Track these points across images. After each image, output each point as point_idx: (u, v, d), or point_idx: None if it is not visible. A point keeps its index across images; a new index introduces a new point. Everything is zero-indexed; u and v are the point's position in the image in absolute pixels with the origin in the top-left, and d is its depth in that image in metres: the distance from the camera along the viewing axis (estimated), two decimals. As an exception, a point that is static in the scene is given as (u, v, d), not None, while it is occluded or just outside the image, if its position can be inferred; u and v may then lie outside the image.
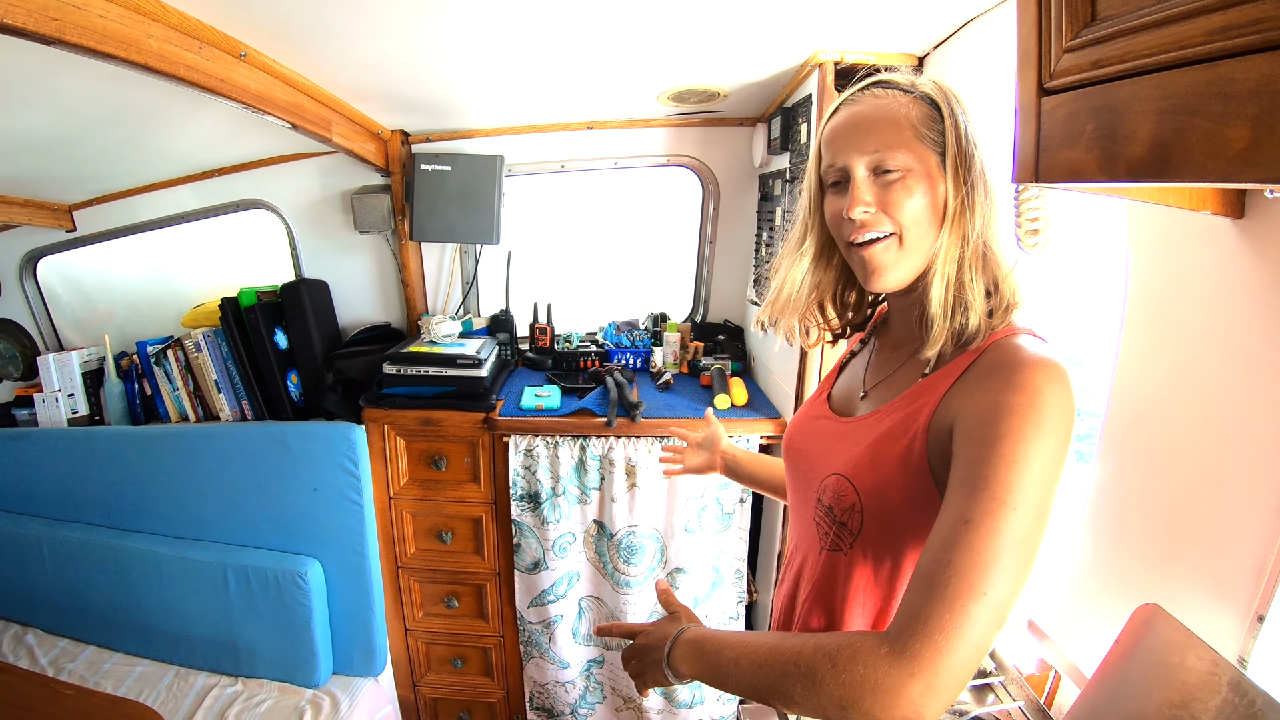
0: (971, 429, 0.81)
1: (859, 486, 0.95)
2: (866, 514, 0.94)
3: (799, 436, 1.18)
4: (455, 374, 2.18)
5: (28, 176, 2.30)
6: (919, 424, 0.89)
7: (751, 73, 1.93)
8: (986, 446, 0.77)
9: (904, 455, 0.90)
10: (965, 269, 0.91)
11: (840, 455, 1.02)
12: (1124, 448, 1.17)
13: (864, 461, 0.96)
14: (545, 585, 2.27)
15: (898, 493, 0.91)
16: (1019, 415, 0.77)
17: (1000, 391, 0.80)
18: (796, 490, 1.16)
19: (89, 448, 2.51)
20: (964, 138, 0.91)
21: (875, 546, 0.95)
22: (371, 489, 2.28)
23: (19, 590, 2.63)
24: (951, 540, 0.75)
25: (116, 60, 1.23)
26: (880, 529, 0.94)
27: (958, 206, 0.91)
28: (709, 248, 2.55)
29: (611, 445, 2.11)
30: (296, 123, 1.78)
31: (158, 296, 2.81)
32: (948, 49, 1.65)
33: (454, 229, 2.31)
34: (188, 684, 2.36)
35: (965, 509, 0.76)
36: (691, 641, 0.95)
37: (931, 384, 0.92)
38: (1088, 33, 0.67)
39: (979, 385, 0.84)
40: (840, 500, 0.98)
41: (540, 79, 1.93)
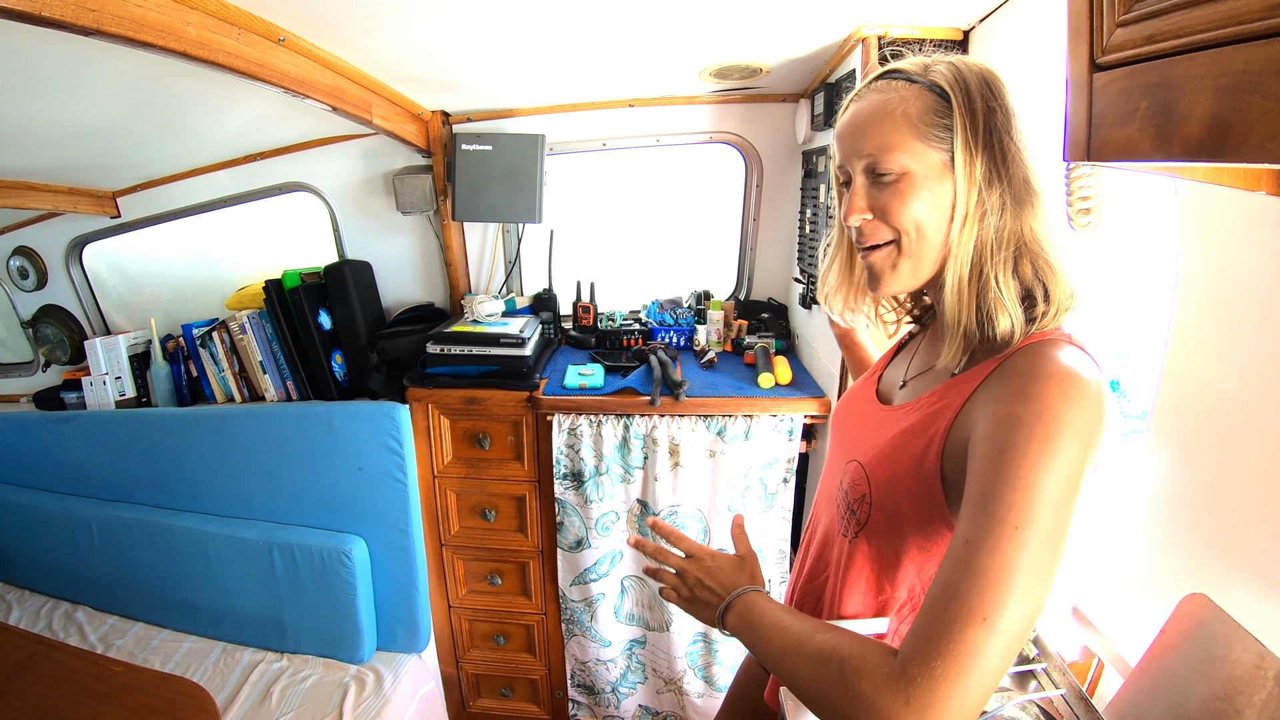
0: (980, 443, 0.75)
1: (872, 479, 0.93)
2: (874, 506, 0.92)
3: (843, 414, 1.15)
4: (499, 353, 2.12)
5: (71, 165, 2.25)
6: (938, 428, 0.85)
7: (794, 48, 1.84)
8: (991, 462, 0.72)
9: (919, 457, 0.86)
10: (988, 271, 0.83)
11: (866, 443, 0.99)
12: (1174, 435, 1.09)
13: (882, 455, 0.93)
14: (588, 564, 2.22)
15: (906, 492, 0.88)
16: (1026, 429, 0.71)
17: (1011, 402, 0.74)
18: (830, 464, 1.14)
19: (136, 429, 2.47)
20: (980, 127, 0.82)
21: (878, 540, 0.93)
22: (416, 467, 2.22)
23: (69, 569, 2.61)
24: (956, 563, 0.70)
25: (155, 49, 1.17)
26: (885, 524, 0.91)
27: (972, 205, 0.83)
28: (752, 225, 2.46)
29: (655, 424, 2.05)
30: (337, 106, 1.72)
31: (202, 280, 2.77)
32: (994, 23, 1.56)
33: (496, 209, 2.23)
34: (234, 660, 2.33)
35: (970, 529, 0.70)
36: (745, 608, 0.91)
37: (957, 386, 0.87)
38: (1141, 7, 0.61)
39: (995, 393, 0.78)
40: (854, 488, 0.96)
41: (581, 57, 1.85)
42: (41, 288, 2.77)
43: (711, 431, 2.03)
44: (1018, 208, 0.84)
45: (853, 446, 1.03)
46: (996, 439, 0.73)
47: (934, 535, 0.87)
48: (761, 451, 2.06)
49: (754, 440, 2.04)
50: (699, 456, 2.06)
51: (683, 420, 2.03)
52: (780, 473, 2.09)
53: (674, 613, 2.21)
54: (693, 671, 2.32)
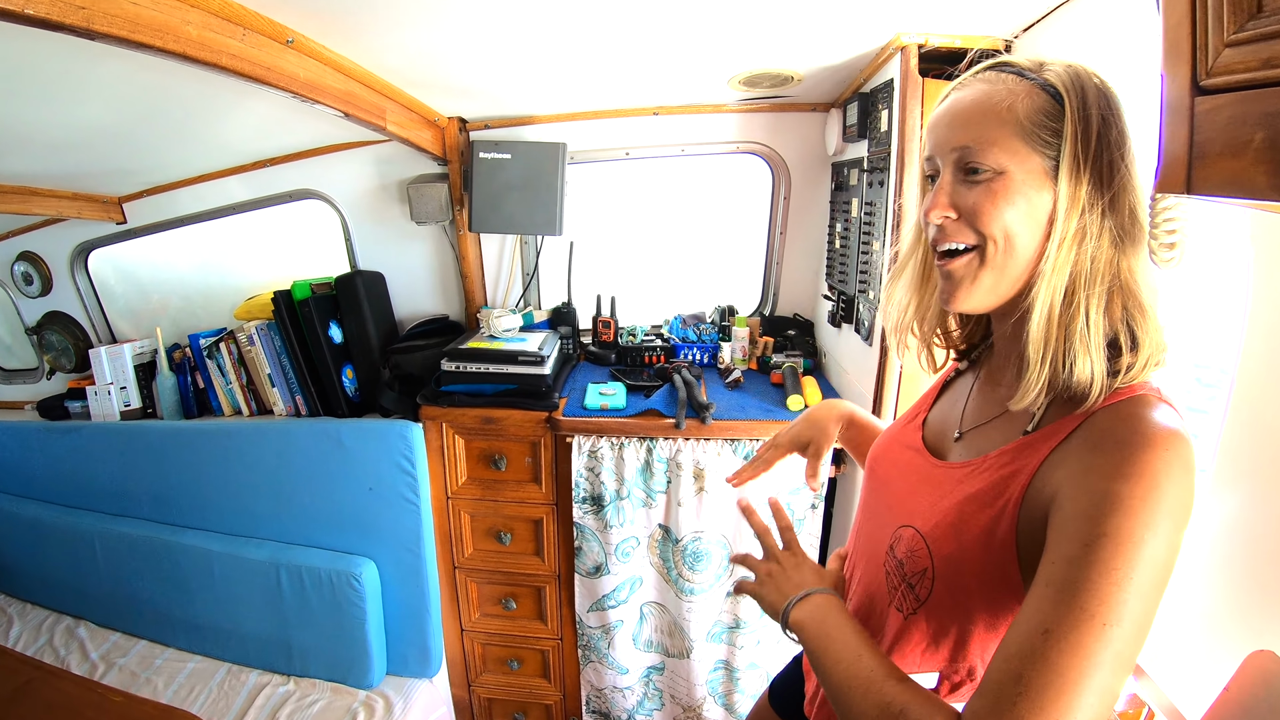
0: (1069, 519, 0.66)
1: (935, 552, 0.81)
2: (938, 581, 0.81)
3: (885, 462, 1.02)
4: (516, 371, 2.00)
5: (75, 171, 2.15)
6: (1011, 495, 0.75)
7: (828, 56, 1.73)
8: (1084, 546, 0.63)
9: (989, 528, 0.76)
10: (1080, 304, 0.73)
11: (922, 506, 0.87)
12: (1242, 476, 0.98)
13: (946, 525, 0.81)
14: (606, 590, 2.10)
15: (975, 567, 0.77)
16: (1129, 512, 0.62)
17: (1110, 476, 0.65)
18: (871, 518, 1.01)
19: (141, 442, 2.36)
20: (1093, 140, 0.72)
21: (941, 616, 0.82)
22: (429, 488, 2.11)
23: (72, 583, 2.50)
24: (1028, 650, 0.62)
25: (153, 50, 1.06)
26: (950, 600, 0.80)
27: (1073, 224, 0.72)
28: (779, 238, 2.33)
29: (679, 448, 1.93)
30: (349, 111, 1.60)
31: (212, 288, 2.66)
32: (1038, 34, 1.46)
33: (514, 220, 2.11)
34: (240, 682, 2.23)
35: (1049, 616, 0.62)
36: (823, 606, 0.87)
37: (1032, 445, 0.76)
38: (1254, 26, 0.54)
39: (1085, 460, 0.68)
40: (913, 559, 0.84)
41: (606, 63, 1.73)
42: (46, 294, 2.67)
43: (738, 455, 1.92)
44: (1121, 238, 0.73)
45: (904, 508, 0.91)
46: (1092, 521, 0.63)
47: (1003, 612, 0.77)
48: (788, 477, 1.94)
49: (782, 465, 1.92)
50: (724, 481, 1.94)
51: (708, 444, 1.91)
52: (808, 498, 1.97)
53: (695, 639, 2.10)
54: (713, 699, 2.21)
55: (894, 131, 1.67)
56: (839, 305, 2.07)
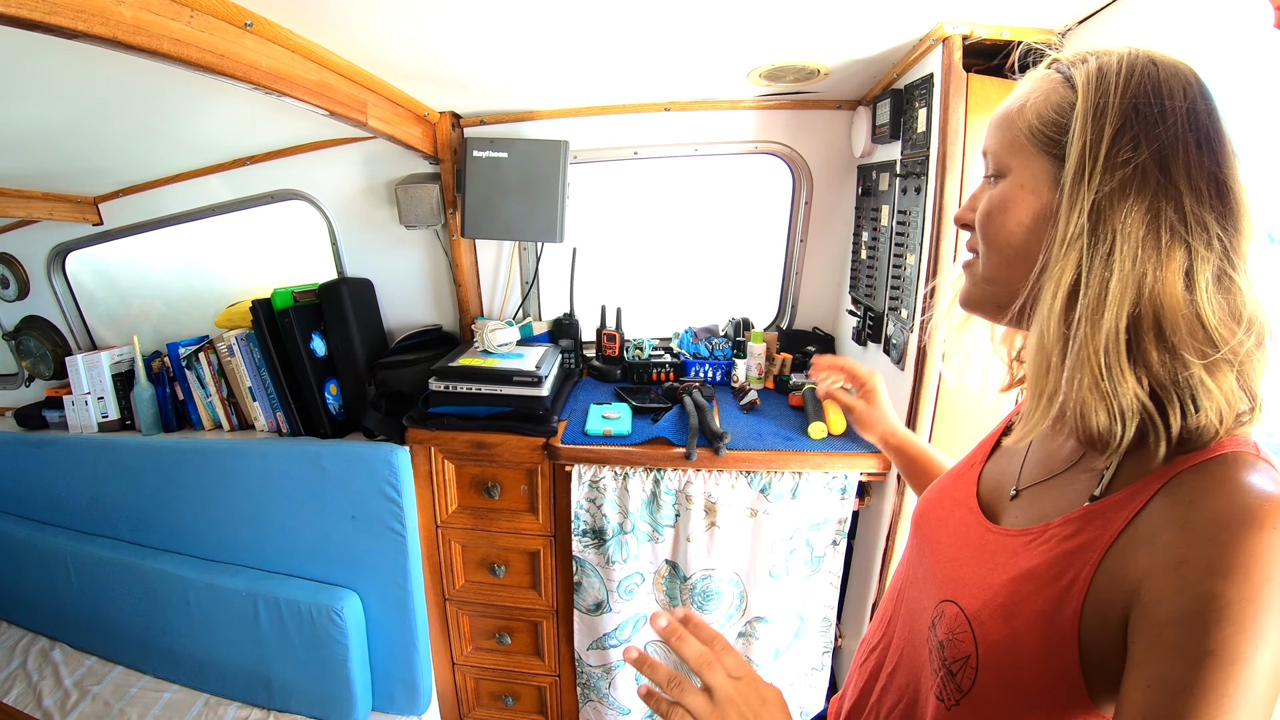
0: (1163, 629, 0.52)
1: (980, 636, 0.67)
2: (982, 672, 0.66)
3: (932, 520, 0.87)
4: (512, 393, 1.80)
5: (43, 171, 1.97)
6: (1078, 577, 0.60)
7: (860, 47, 1.52)
8: (1186, 665, 0.50)
9: (1049, 614, 0.61)
10: (1083, 325, 0.59)
11: (969, 579, 0.73)
12: None
13: (995, 606, 0.67)
14: (608, 628, 1.91)
15: (1029, 659, 0.62)
16: (1240, 622, 0.49)
17: (1208, 574, 0.51)
18: (914, 584, 0.86)
19: (116, 458, 2.18)
20: (1109, 137, 0.58)
21: (986, 714, 0.66)
22: (416, 516, 1.92)
23: (46, 603, 2.34)
24: None
25: (76, 34, 0.87)
26: (998, 696, 0.65)
27: (1072, 228, 0.60)
28: (799, 246, 2.11)
29: (689, 479, 1.73)
30: (323, 105, 1.39)
31: (196, 292, 2.47)
32: (1094, 26, 1.28)
33: (511, 225, 1.90)
34: (217, 715, 2.05)
35: None
36: None
37: (1102, 514, 0.61)
38: None
39: (1175, 548, 0.54)
40: (954, 643, 0.70)
41: (612, 53, 1.53)
42: (23, 298, 2.49)
43: (754, 488, 1.72)
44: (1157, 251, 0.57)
45: (949, 577, 0.76)
46: (1194, 632, 0.50)
47: (1063, 712, 0.61)
48: (810, 511, 1.74)
49: (802, 499, 1.72)
50: (738, 515, 1.75)
51: (722, 475, 1.71)
52: (830, 534, 1.77)
53: (703, 682, 1.91)
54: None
55: (934, 132, 1.46)
56: (865, 322, 1.87)
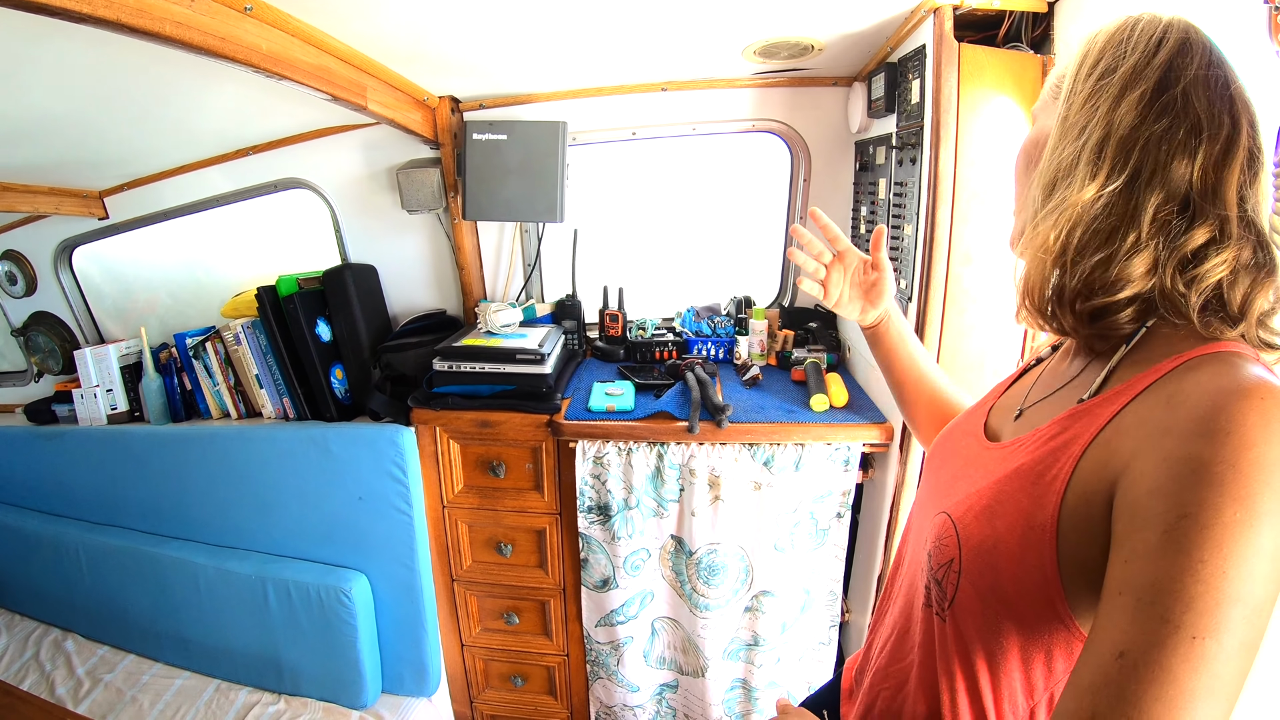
0: (1142, 499, 0.49)
1: (963, 539, 0.65)
2: (964, 577, 0.64)
3: (941, 450, 0.86)
4: (516, 371, 1.78)
5: (46, 163, 1.95)
6: (1060, 470, 0.58)
7: (852, 21, 1.50)
8: (1163, 534, 0.47)
9: (1029, 511, 0.59)
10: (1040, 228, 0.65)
11: (959, 488, 0.72)
12: None
13: (979, 507, 0.65)
14: (615, 605, 1.89)
15: (1009, 563, 0.60)
16: (1216, 482, 0.46)
17: (1189, 437, 0.48)
18: (918, 511, 0.86)
19: (125, 448, 2.17)
20: (1085, 68, 0.65)
21: (969, 624, 0.65)
22: (423, 497, 1.90)
23: (58, 595, 2.32)
24: (1101, 681, 0.47)
25: (80, 17, 0.84)
26: (978, 604, 0.63)
27: (1053, 144, 0.67)
28: (798, 224, 2.10)
29: (693, 453, 1.71)
30: (323, 89, 1.37)
31: (201, 284, 2.45)
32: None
33: (512, 206, 1.88)
34: (228, 700, 2.04)
35: (1124, 634, 0.47)
36: None
37: (1090, 411, 0.60)
38: None
39: (1158, 422, 0.52)
40: (940, 549, 0.68)
41: (609, 33, 1.51)
42: (31, 294, 2.48)
43: (757, 461, 1.70)
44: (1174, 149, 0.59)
45: (943, 492, 0.75)
46: (1169, 496, 0.47)
47: (1039, 630, 0.60)
48: (813, 483, 1.72)
49: (805, 471, 1.70)
50: (742, 489, 1.73)
51: (725, 448, 1.69)
52: (834, 506, 1.75)
53: (711, 657, 1.89)
54: (729, 719, 2.01)
55: (927, 102, 1.44)
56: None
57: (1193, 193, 0.58)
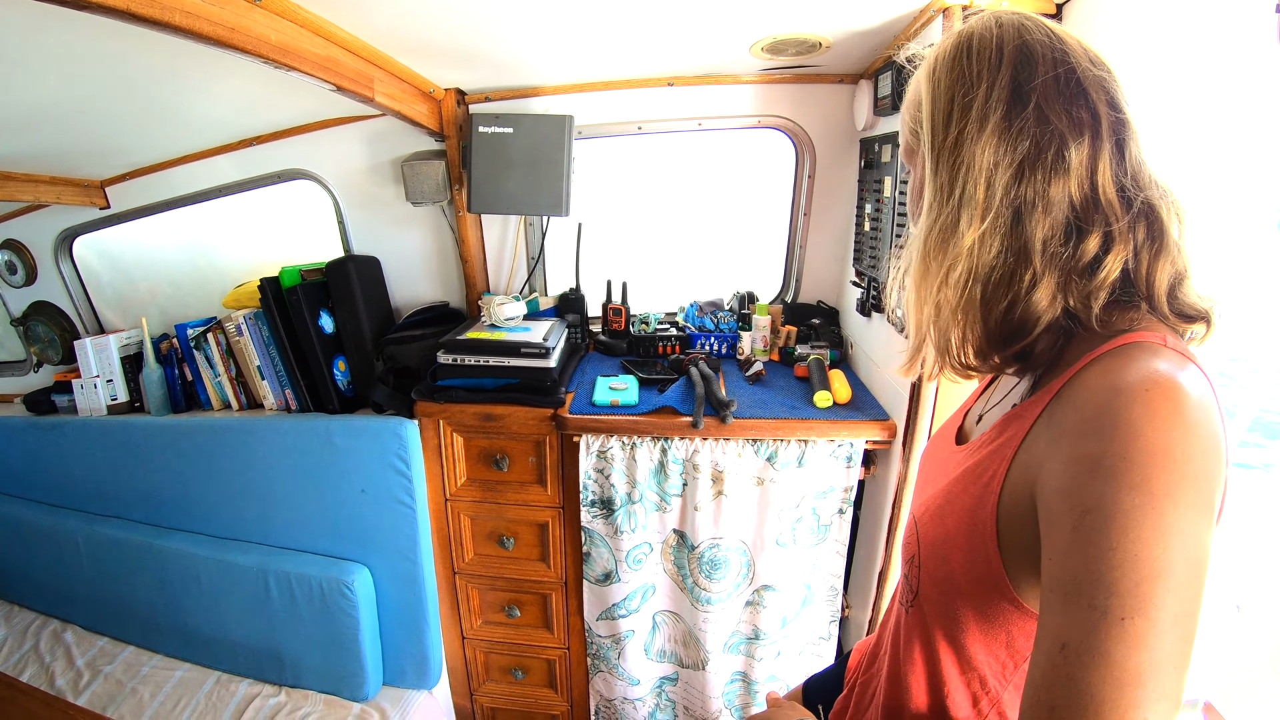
0: (1051, 500, 0.53)
1: (922, 538, 0.72)
2: (924, 571, 0.70)
3: (925, 456, 0.91)
4: (520, 364, 1.77)
5: (49, 152, 1.91)
6: (997, 472, 0.63)
7: (862, 19, 1.48)
8: (1074, 530, 0.50)
9: (973, 509, 0.64)
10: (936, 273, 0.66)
11: (927, 490, 0.79)
12: None
13: (934, 507, 0.71)
14: (617, 598, 1.88)
15: (959, 555, 0.65)
16: (1109, 475, 0.49)
17: (1082, 437, 0.52)
18: None
19: (126, 439, 2.15)
20: (945, 122, 0.64)
21: (932, 616, 0.70)
22: (425, 489, 1.89)
23: (58, 585, 2.30)
24: (1050, 674, 0.49)
25: (90, 6, 0.83)
26: (938, 594, 0.69)
27: (929, 202, 0.67)
28: (802, 220, 2.07)
29: (696, 448, 1.70)
30: (330, 80, 1.35)
31: (202, 274, 2.42)
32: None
33: (517, 199, 1.87)
34: (229, 692, 2.03)
35: (1061, 626, 0.49)
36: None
37: (1020, 415, 0.64)
38: None
39: (1059, 426, 0.56)
40: (906, 546, 0.75)
41: (616, 27, 1.50)
42: (31, 283, 2.45)
43: (760, 457, 1.69)
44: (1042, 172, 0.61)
45: (918, 495, 0.83)
46: (1073, 494, 0.51)
47: (994, 613, 0.64)
48: (816, 479, 1.71)
49: (808, 467, 1.70)
50: (745, 484, 1.72)
51: (728, 444, 1.69)
52: (836, 503, 1.75)
53: (711, 650, 1.89)
54: (729, 712, 2.00)
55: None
56: (869, 293, 1.84)
57: (1074, 209, 0.60)
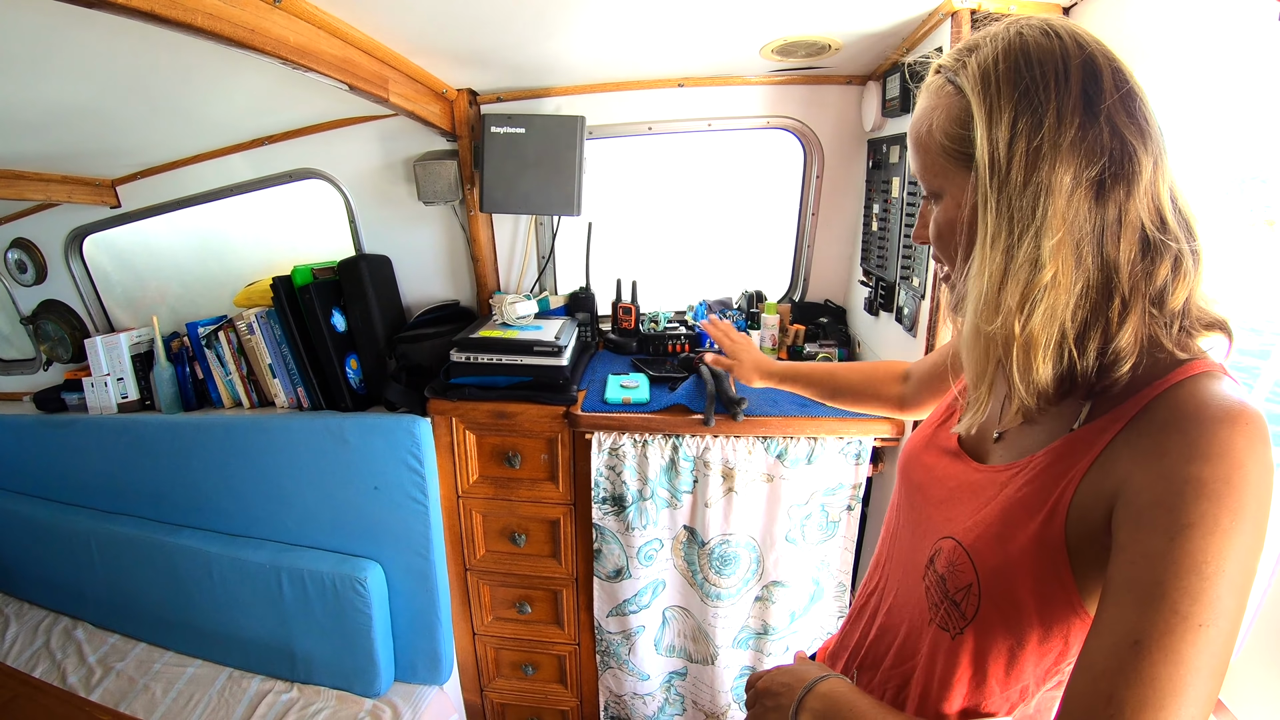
0: (1145, 511, 0.55)
1: (979, 565, 0.70)
2: (984, 599, 0.70)
3: (919, 467, 0.88)
4: (532, 363, 1.77)
5: (61, 152, 1.91)
6: (1062, 495, 0.64)
7: (871, 21, 1.49)
8: (1167, 539, 0.53)
9: (1039, 535, 0.65)
10: (1008, 303, 0.61)
11: (963, 515, 0.76)
12: None
13: (989, 535, 0.70)
14: (628, 594, 1.89)
15: (1026, 579, 0.66)
16: (1215, 497, 0.52)
17: (1188, 459, 0.54)
18: (906, 528, 0.89)
19: (137, 437, 2.14)
20: (1004, 140, 0.60)
21: (991, 634, 0.70)
22: (438, 486, 1.89)
23: (69, 583, 2.29)
24: (1117, 666, 0.52)
25: (114, 7, 0.83)
26: (999, 617, 0.69)
27: (990, 224, 0.62)
28: (810, 220, 2.08)
29: (707, 445, 1.71)
30: (346, 81, 1.35)
31: (212, 273, 2.41)
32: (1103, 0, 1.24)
33: (529, 199, 1.87)
34: (241, 688, 2.02)
35: (1136, 624, 0.52)
36: (828, 695, 0.73)
37: (1083, 440, 0.64)
38: None
39: (1153, 447, 0.57)
40: (955, 575, 0.73)
41: (628, 29, 1.50)
42: (41, 282, 2.44)
43: (771, 454, 1.70)
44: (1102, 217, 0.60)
45: (943, 518, 0.79)
46: (1174, 510, 0.53)
47: (1057, 624, 0.66)
48: (825, 476, 1.72)
49: (817, 464, 1.70)
50: (755, 481, 1.73)
51: (738, 441, 1.69)
52: (844, 500, 1.75)
53: (721, 645, 1.89)
54: (738, 706, 2.00)
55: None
56: (877, 292, 1.85)
57: (1146, 227, 0.60)
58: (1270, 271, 1.29)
